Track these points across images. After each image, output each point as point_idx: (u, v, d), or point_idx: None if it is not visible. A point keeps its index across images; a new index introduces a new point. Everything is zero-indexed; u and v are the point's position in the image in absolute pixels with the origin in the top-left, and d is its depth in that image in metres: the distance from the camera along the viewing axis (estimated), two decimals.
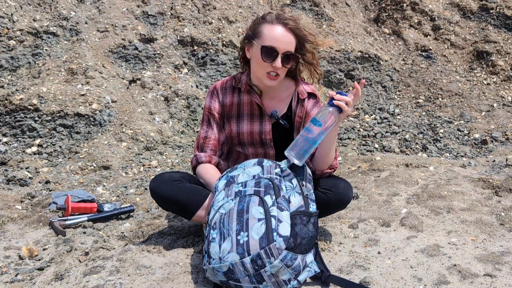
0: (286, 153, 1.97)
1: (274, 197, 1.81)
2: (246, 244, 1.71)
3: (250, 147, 2.36)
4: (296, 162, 1.94)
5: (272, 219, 1.74)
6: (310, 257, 1.84)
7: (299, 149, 1.95)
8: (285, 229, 1.73)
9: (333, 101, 2.00)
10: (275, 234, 1.71)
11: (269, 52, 2.12)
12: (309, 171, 2.02)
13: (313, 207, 1.89)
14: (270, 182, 1.87)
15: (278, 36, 2.13)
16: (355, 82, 2.12)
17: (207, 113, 2.39)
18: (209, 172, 2.29)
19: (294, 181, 1.92)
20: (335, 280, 1.85)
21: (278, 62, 2.12)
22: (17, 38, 4.55)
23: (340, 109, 2.00)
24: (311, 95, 2.34)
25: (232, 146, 2.43)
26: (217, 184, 2.05)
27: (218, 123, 2.37)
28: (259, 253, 1.69)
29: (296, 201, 1.85)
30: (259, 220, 1.75)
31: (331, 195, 2.17)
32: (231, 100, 2.35)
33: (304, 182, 1.94)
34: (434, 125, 4.61)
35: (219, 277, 1.76)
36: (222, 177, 2.07)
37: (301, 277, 1.79)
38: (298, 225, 1.79)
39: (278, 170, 1.95)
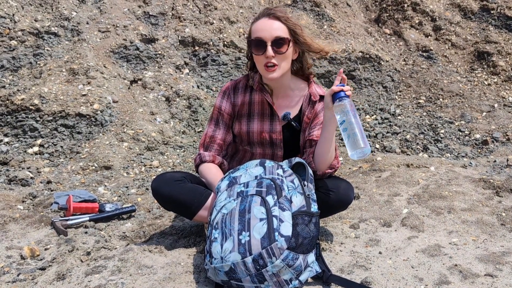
0: (355, 153, 1.92)
1: (276, 197, 1.81)
2: (247, 243, 1.71)
3: (258, 147, 2.36)
4: (368, 149, 1.91)
5: (274, 219, 1.75)
6: (311, 257, 1.84)
7: (363, 137, 1.92)
8: (286, 229, 1.74)
9: (344, 93, 2.01)
10: (276, 234, 1.71)
11: (257, 44, 2.15)
12: (310, 171, 2.02)
13: (314, 207, 1.90)
14: (272, 183, 1.87)
15: (262, 26, 2.15)
16: (340, 71, 2.12)
17: (217, 112, 2.38)
18: (211, 172, 2.29)
19: (296, 181, 1.92)
20: (336, 280, 1.85)
21: (269, 50, 2.12)
22: (19, 38, 4.56)
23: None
24: (323, 98, 2.32)
25: (239, 145, 2.42)
26: (220, 185, 2.05)
27: (226, 123, 2.37)
28: (261, 253, 1.69)
29: (298, 201, 1.85)
30: (261, 220, 1.75)
31: (332, 196, 2.17)
32: (243, 99, 2.35)
33: (305, 182, 1.94)
34: (435, 125, 4.62)
35: (221, 277, 1.76)
36: (224, 178, 2.07)
37: (302, 277, 1.80)
38: (300, 225, 1.79)
39: (280, 170, 1.96)
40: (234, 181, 2.00)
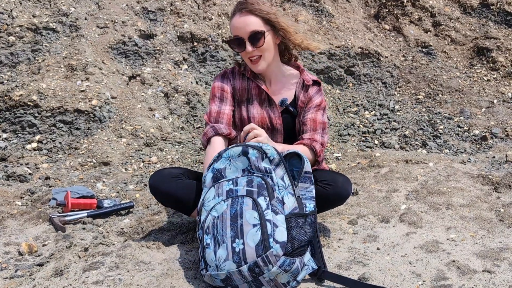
0: None
1: (268, 199, 1.75)
2: (242, 252, 1.67)
3: None
4: None
5: (268, 223, 1.69)
6: (307, 256, 1.83)
7: None
8: (281, 234, 1.69)
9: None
10: (271, 240, 1.66)
11: (235, 43, 2.22)
12: (306, 167, 1.94)
13: (310, 206, 1.86)
14: (263, 182, 1.79)
15: (236, 24, 2.20)
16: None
17: (219, 90, 2.35)
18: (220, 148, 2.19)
19: (286, 179, 1.85)
20: (330, 277, 1.84)
21: (248, 47, 2.19)
22: (17, 34, 4.54)
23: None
24: (316, 83, 2.39)
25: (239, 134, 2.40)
26: (205, 177, 1.96)
27: (231, 101, 2.36)
28: (256, 261, 1.65)
29: (290, 202, 1.80)
30: (254, 226, 1.69)
31: (330, 189, 2.16)
32: (241, 85, 2.37)
33: (296, 182, 1.88)
34: (434, 121, 4.61)
35: (218, 283, 1.75)
36: (208, 169, 1.97)
37: (299, 277, 1.78)
38: (294, 228, 1.75)
39: (266, 162, 1.84)
40: (219, 174, 1.91)
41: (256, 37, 2.18)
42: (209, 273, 1.74)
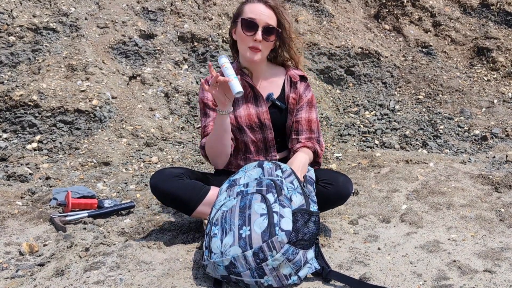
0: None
1: (276, 195, 1.85)
2: (248, 237, 1.73)
3: (249, 132, 2.38)
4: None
5: (274, 214, 1.77)
6: (311, 253, 1.86)
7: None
8: (287, 224, 1.76)
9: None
10: (277, 228, 1.73)
11: (249, 24, 2.23)
12: (310, 174, 2.07)
13: (314, 207, 1.92)
14: (272, 182, 1.91)
15: (258, 10, 2.24)
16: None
17: (202, 104, 2.43)
18: (210, 137, 2.31)
19: (295, 182, 1.96)
20: (336, 276, 1.85)
21: (259, 34, 2.22)
22: (17, 34, 4.54)
23: None
24: (303, 78, 2.45)
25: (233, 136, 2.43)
26: (221, 187, 2.10)
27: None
28: (261, 246, 1.71)
29: (298, 200, 1.88)
30: (262, 215, 1.78)
31: (331, 188, 2.19)
32: None
33: (305, 183, 2.00)
34: (434, 121, 4.61)
35: (220, 272, 1.76)
36: (225, 181, 2.12)
37: (301, 273, 1.81)
38: (300, 221, 1.82)
39: (279, 171, 1.99)
40: (234, 183, 2.04)
41: (270, 31, 2.25)
42: (212, 261, 1.77)
